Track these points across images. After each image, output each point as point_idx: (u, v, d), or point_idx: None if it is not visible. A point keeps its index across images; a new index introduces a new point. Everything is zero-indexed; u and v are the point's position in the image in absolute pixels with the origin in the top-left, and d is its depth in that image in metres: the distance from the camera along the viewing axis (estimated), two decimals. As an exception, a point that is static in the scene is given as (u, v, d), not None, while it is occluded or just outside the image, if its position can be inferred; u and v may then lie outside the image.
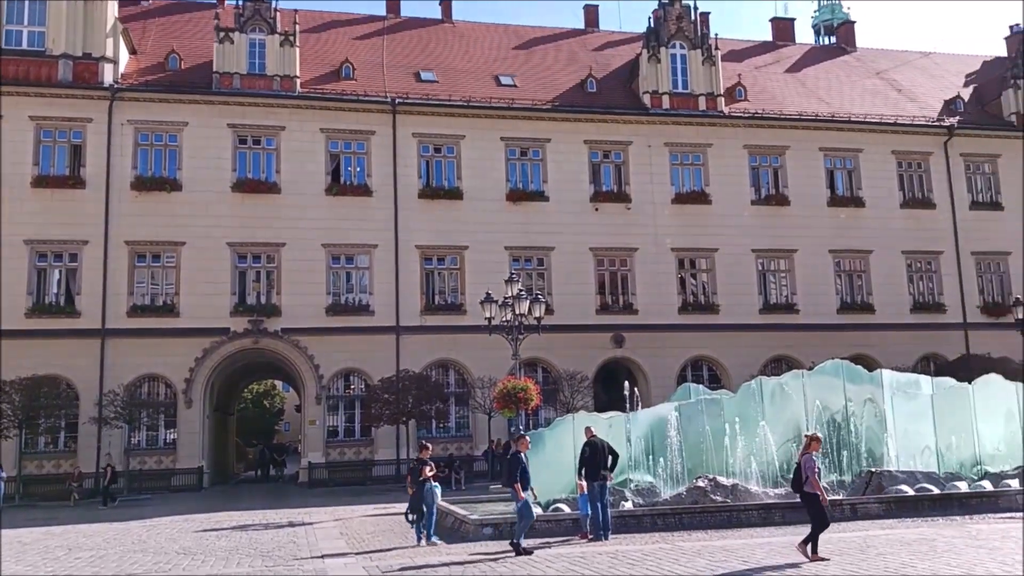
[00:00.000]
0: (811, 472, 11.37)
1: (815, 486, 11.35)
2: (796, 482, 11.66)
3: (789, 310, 35.55)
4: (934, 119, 39.06)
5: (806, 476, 11.36)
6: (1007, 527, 13.88)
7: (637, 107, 36.27)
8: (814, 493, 11.34)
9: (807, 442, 11.87)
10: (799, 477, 11.52)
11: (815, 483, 11.36)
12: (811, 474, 11.36)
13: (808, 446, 11.75)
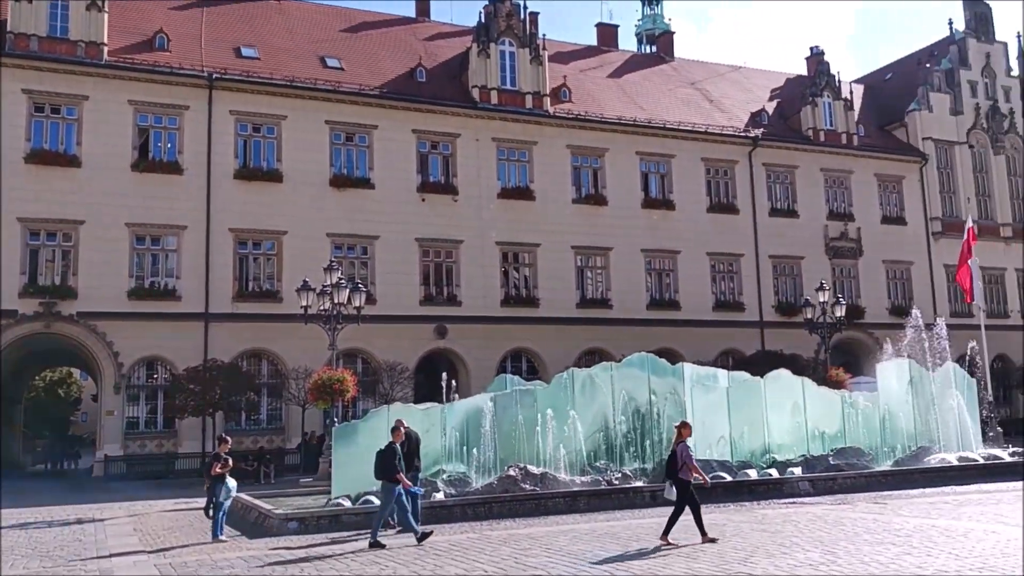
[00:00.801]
0: (688, 459, 11.73)
1: (692, 471, 11.74)
2: (671, 470, 11.95)
3: (604, 305, 36.88)
4: (741, 130, 41.65)
5: (682, 463, 11.70)
6: (788, 511, 14.99)
7: (466, 100, 36.39)
8: (687, 480, 11.70)
9: (678, 430, 12.19)
10: (673, 465, 11.83)
11: (692, 468, 11.76)
12: (688, 461, 11.71)
13: (680, 434, 12.06)
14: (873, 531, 12.02)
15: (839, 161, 43.15)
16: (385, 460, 12.53)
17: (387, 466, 12.44)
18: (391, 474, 12.39)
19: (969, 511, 14.13)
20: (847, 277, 42.22)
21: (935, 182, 45.57)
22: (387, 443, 12.92)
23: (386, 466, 12.46)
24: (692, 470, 11.75)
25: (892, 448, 21.47)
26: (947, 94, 47.02)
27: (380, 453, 12.76)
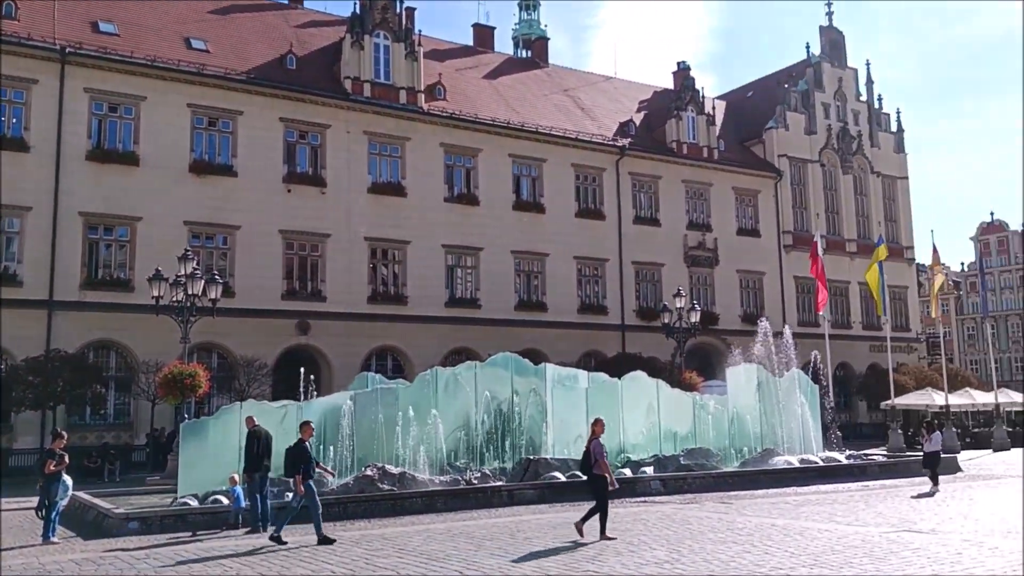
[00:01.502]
0: (600, 456, 11.85)
1: (603, 468, 11.83)
2: (585, 465, 12.08)
3: (472, 305, 36.95)
4: (610, 138, 42.65)
5: (595, 459, 11.83)
6: (639, 510, 15.39)
7: (338, 91, 35.68)
8: (603, 475, 11.79)
9: (592, 427, 12.32)
10: (588, 461, 11.95)
11: (604, 465, 11.85)
12: (600, 457, 11.84)
13: (594, 431, 12.21)
14: (717, 530, 12.48)
15: (700, 173, 44.86)
16: (295, 458, 12.30)
17: (297, 464, 12.22)
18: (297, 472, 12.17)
19: (807, 511, 14.91)
20: (704, 285, 43.94)
21: (788, 197, 48.07)
22: (297, 440, 12.67)
23: (295, 464, 12.23)
24: (603, 467, 11.87)
25: (739, 450, 22.46)
26: (802, 114, 49.72)
27: (289, 450, 12.55)
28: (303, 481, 12.11)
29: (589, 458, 11.98)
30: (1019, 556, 9.69)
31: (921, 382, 41.69)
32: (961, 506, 15.09)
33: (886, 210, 52.39)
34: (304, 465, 12.20)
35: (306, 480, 12.15)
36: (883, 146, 53.02)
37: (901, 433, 32.89)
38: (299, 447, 12.39)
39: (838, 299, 48.07)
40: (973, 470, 23.80)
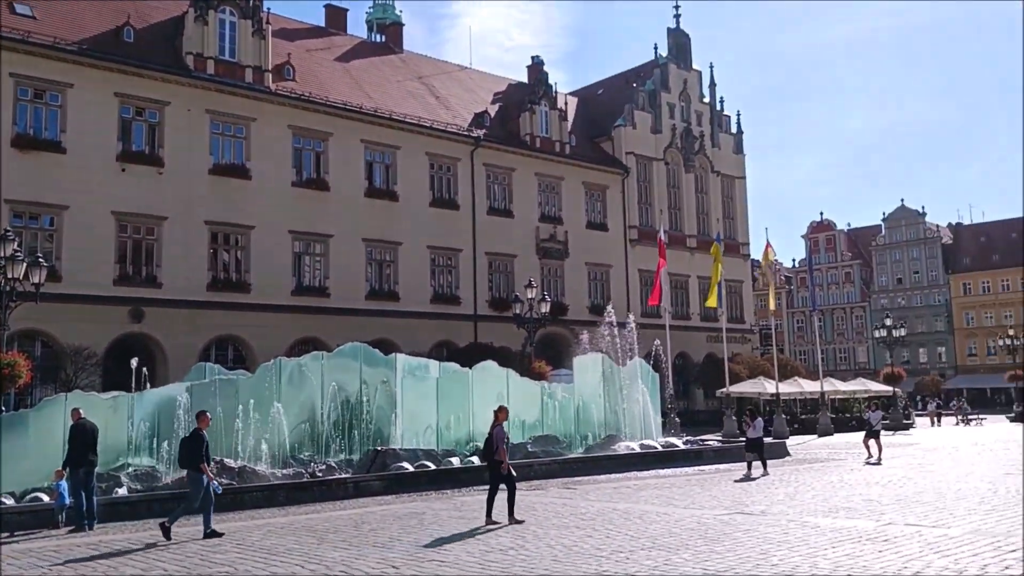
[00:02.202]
0: (501, 443, 12.07)
1: (502, 455, 12.00)
2: (487, 452, 12.29)
3: (321, 294, 36.08)
4: (464, 129, 42.66)
5: (497, 446, 12.01)
6: (485, 498, 15.40)
7: (179, 67, 33.88)
8: (502, 461, 11.99)
9: (495, 414, 12.46)
10: (490, 447, 12.12)
11: (501, 452, 12.02)
12: (500, 444, 12.04)
13: (497, 418, 12.35)
14: (561, 515, 12.67)
15: (552, 167, 45.63)
16: (191, 448, 11.76)
17: (193, 455, 11.70)
18: (197, 463, 11.64)
19: (647, 495, 15.39)
20: (554, 276, 44.78)
21: (635, 193, 49.66)
22: (193, 430, 12.15)
23: (192, 455, 11.71)
24: (501, 454, 12.04)
25: (584, 436, 23.00)
26: (649, 113, 51.46)
27: (185, 441, 12.06)
28: (197, 471, 11.67)
29: (492, 444, 12.19)
30: (836, 534, 10.32)
31: (754, 371, 44.08)
32: (788, 488, 15.99)
33: (725, 208, 55.06)
34: (204, 455, 11.80)
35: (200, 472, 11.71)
36: (723, 147, 55.67)
37: (735, 419, 34.60)
38: (196, 437, 11.93)
39: (678, 291, 50.16)
40: (800, 454, 25.32)
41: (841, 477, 17.93)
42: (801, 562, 8.53)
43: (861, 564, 8.30)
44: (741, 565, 8.47)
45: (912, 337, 76.40)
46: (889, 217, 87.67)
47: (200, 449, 11.75)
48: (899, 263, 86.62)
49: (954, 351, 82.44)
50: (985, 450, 25.31)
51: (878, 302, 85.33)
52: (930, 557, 8.57)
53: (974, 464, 20.29)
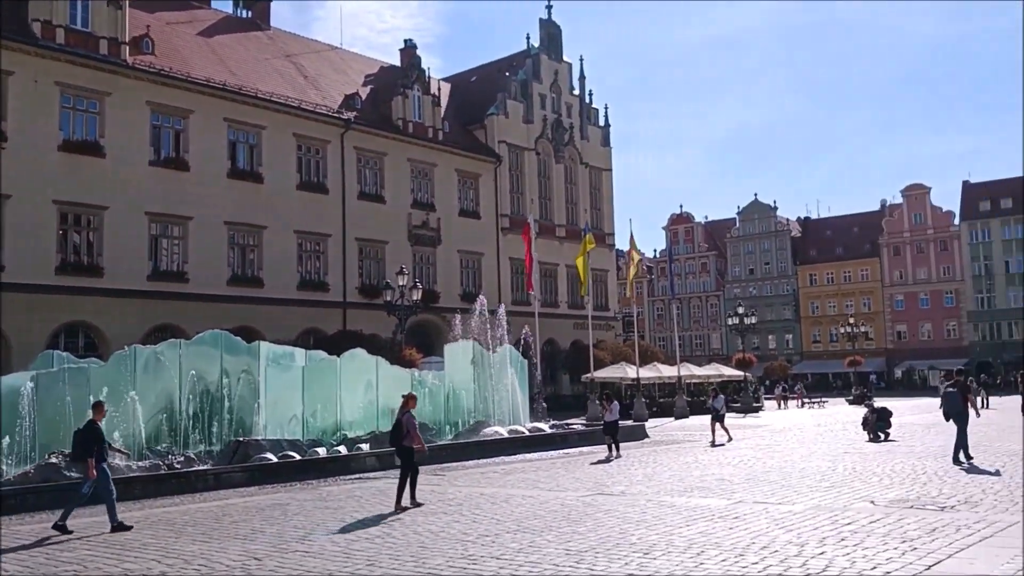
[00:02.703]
0: (413, 428, 12.34)
1: (415, 440, 12.29)
2: (395, 438, 12.44)
3: (179, 278, 34.69)
4: (335, 110, 41.84)
5: (407, 431, 12.26)
6: (353, 487, 15.31)
7: (24, 35, 31.66)
8: (411, 447, 12.24)
9: (404, 401, 12.69)
10: (399, 433, 12.32)
11: (416, 437, 12.32)
12: (413, 430, 12.32)
13: (406, 404, 12.59)
14: (429, 501, 12.72)
15: (425, 153, 45.44)
16: (86, 439, 11.27)
17: (88, 446, 11.16)
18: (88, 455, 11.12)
19: (513, 479, 15.67)
20: (426, 263, 44.70)
21: (507, 182, 50.13)
22: (88, 421, 11.51)
23: (87, 446, 11.16)
24: (415, 439, 12.32)
25: (454, 423, 23.14)
26: (521, 103, 51.97)
27: (79, 432, 11.41)
28: (96, 465, 11.11)
29: (401, 429, 12.36)
30: (690, 512, 10.85)
31: (617, 357, 45.46)
32: (646, 469, 16.63)
33: (592, 199, 56.37)
34: (97, 447, 11.22)
35: (99, 464, 11.17)
36: (592, 139, 56.91)
37: (599, 403, 35.60)
38: (90, 428, 11.36)
39: (547, 280, 51.04)
40: (658, 436, 26.34)
41: (696, 457, 18.80)
42: (658, 540, 8.92)
43: (713, 540, 8.76)
44: (602, 544, 8.78)
45: (762, 324, 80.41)
46: (743, 211, 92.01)
47: (95, 440, 11.28)
48: (752, 254, 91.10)
49: (800, 338, 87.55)
50: (826, 431, 27.08)
51: (732, 291, 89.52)
52: (776, 532, 9.13)
53: (816, 444, 21.68)
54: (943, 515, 9.82)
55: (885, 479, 13.55)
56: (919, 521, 9.43)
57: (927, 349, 79.13)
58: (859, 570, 7.19)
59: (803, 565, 7.46)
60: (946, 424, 16.85)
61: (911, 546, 8.07)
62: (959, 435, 15.61)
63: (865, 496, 11.68)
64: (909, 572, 7.05)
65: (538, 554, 8.43)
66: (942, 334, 79.84)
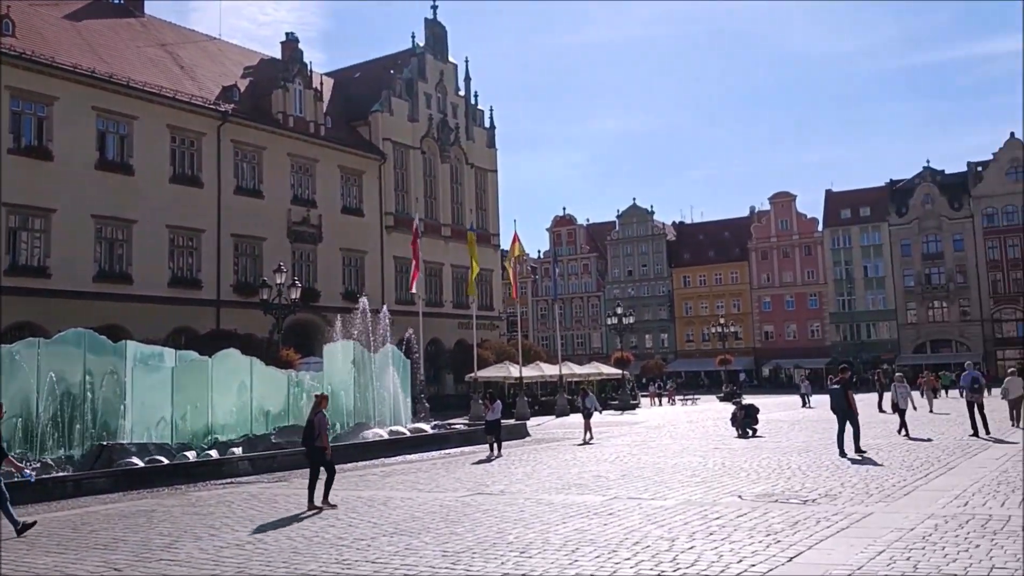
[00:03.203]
0: (323, 429, 12.42)
1: (324, 442, 12.34)
2: (308, 437, 12.47)
3: (40, 274, 32.73)
4: (211, 102, 40.39)
5: (319, 432, 12.30)
6: (224, 492, 14.80)
7: None
8: (323, 447, 12.34)
9: (317, 401, 12.78)
10: (311, 433, 12.36)
11: (324, 438, 12.37)
12: (323, 431, 12.39)
13: (319, 405, 12.64)
14: (304, 506, 12.43)
15: (306, 149, 44.47)
16: None
17: None
18: None
19: (392, 481, 15.51)
20: (306, 261, 43.75)
21: (391, 180, 49.64)
22: None
23: None
24: (324, 440, 12.38)
25: (333, 425, 22.64)
26: (406, 101, 51.56)
27: None
28: None
29: (313, 430, 12.40)
30: (567, 510, 11.00)
31: (500, 356, 45.71)
32: (526, 468, 16.77)
33: (478, 199, 56.53)
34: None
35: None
36: (477, 140, 57.06)
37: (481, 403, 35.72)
38: None
39: (432, 279, 50.86)
40: (539, 434, 26.64)
41: (575, 455, 19.11)
42: (535, 538, 9.00)
43: (588, 537, 8.90)
44: (479, 544, 8.79)
45: (640, 324, 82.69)
46: (623, 214, 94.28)
47: None
48: (630, 256, 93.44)
49: (675, 337, 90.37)
50: (698, 427, 28.02)
51: (611, 292, 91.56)
52: (648, 528, 9.36)
53: (688, 440, 22.40)
54: (805, 508, 10.30)
55: (752, 474, 14.11)
56: (783, 514, 9.86)
57: (792, 348, 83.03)
58: (726, 563, 7.44)
59: (673, 560, 7.67)
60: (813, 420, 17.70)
61: (775, 539, 8.42)
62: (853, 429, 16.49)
63: (733, 491, 12.13)
64: (772, 564, 7.35)
65: (414, 556, 8.36)
66: (806, 334, 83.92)
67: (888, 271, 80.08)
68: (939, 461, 14.70)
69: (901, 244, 79.70)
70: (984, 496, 10.60)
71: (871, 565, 7.10)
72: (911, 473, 13.23)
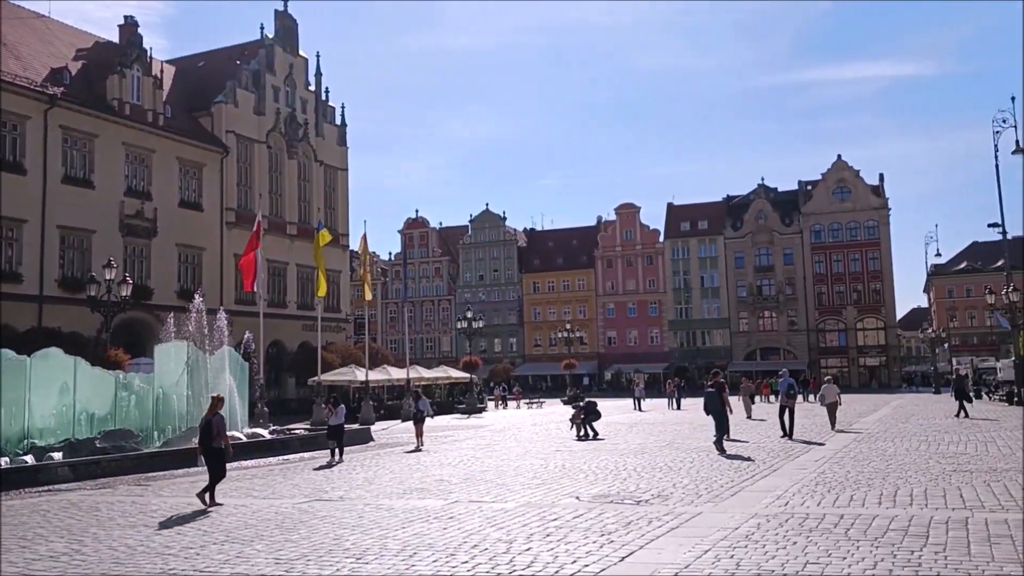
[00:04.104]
0: (223, 429, 12.69)
1: (224, 441, 12.69)
2: (205, 439, 12.64)
3: None
4: (37, 84, 37.63)
5: (217, 432, 12.54)
6: (40, 500, 13.75)
7: None
8: (221, 447, 12.58)
9: (213, 402, 13.04)
10: (209, 434, 12.56)
11: (225, 439, 12.72)
12: (222, 431, 12.67)
13: (215, 406, 12.91)
14: (129, 514, 11.74)
15: (143, 138, 42.22)
16: None
17: None
18: None
19: (226, 487, 14.71)
20: (139, 256, 41.49)
21: (234, 174, 47.82)
22: None
23: None
24: (224, 440, 12.71)
25: (163, 429, 21.56)
26: (253, 93, 49.86)
27: None
28: None
29: (211, 430, 12.58)
30: (407, 514, 10.90)
31: (347, 359, 44.95)
32: (368, 473, 16.52)
33: (327, 198, 55.36)
34: None
35: None
36: (328, 137, 55.89)
37: (324, 407, 34.95)
38: None
39: (276, 279, 49.38)
40: (384, 439, 26.32)
41: (418, 459, 19.00)
42: (372, 544, 8.85)
43: (427, 542, 8.84)
44: (314, 552, 8.56)
45: (490, 328, 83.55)
46: (475, 219, 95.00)
47: None
48: (482, 261, 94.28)
49: (524, 342, 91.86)
50: (542, 430, 28.54)
51: (462, 296, 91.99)
52: (488, 530, 9.41)
53: (532, 443, 22.75)
54: (638, 508, 10.65)
55: (591, 475, 14.48)
56: (617, 515, 10.15)
57: (633, 354, 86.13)
58: (561, 564, 7.58)
59: (510, 562, 7.73)
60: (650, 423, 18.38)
61: (608, 539, 8.65)
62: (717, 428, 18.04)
63: (572, 492, 12.40)
64: (605, 564, 7.54)
65: (245, 564, 8.04)
66: (647, 340, 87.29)
67: (723, 282, 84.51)
68: (764, 463, 15.58)
69: (736, 256, 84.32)
70: (803, 496, 11.30)
71: (697, 563, 7.41)
72: (738, 474, 13.95)
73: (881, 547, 7.79)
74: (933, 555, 7.38)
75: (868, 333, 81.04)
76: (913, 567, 6.96)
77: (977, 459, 14.94)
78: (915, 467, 14.03)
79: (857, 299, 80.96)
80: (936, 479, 12.44)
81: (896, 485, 11.96)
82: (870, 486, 11.98)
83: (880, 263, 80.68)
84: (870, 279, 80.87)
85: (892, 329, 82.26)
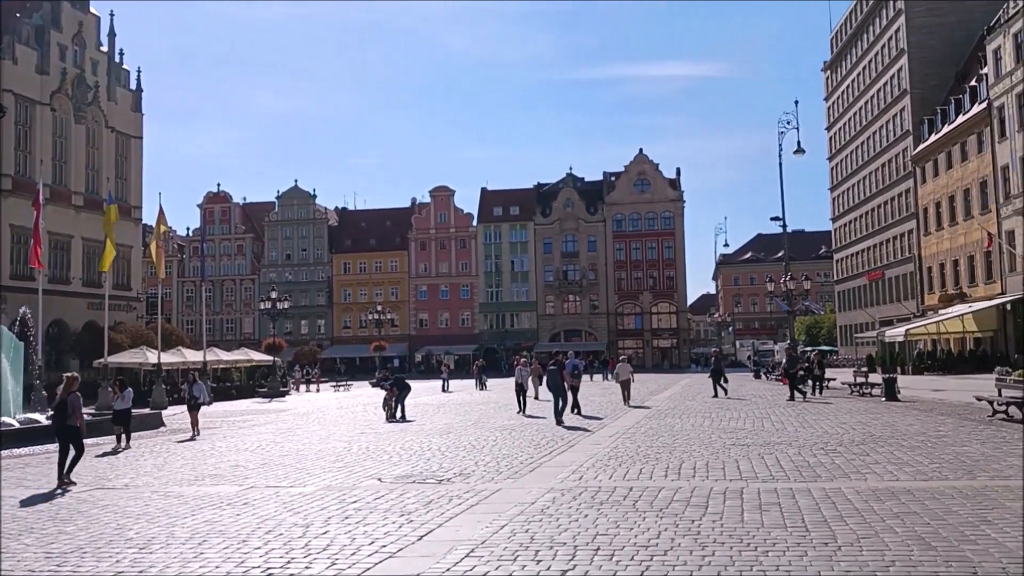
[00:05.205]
0: (79, 408, 12.84)
1: (80, 420, 12.79)
2: (60, 417, 12.74)
3: None
4: None
5: (72, 410, 12.66)
6: None
7: None
8: (76, 426, 12.67)
9: (68, 383, 13.02)
10: (64, 413, 12.66)
11: (80, 418, 12.82)
12: (78, 409, 12.78)
13: (71, 385, 12.96)
14: None
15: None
16: None
17: None
18: None
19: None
20: None
21: (11, 138, 43.63)
22: None
23: None
24: (79, 419, 12.80)
25: (-80, 416, 19.36)
26: (35, 50, 45.64)
27: None
28: None
29: (67, 409, 12.68)
30: (199, 501, 10.39)
31: (137, 340, 42.26)
32: (157, 459, 15.62)
33: (118, 167, 51.63)
34: None
35: None
36: (120, 102, 52.08)
37: (110, 390, 32.72)
38: None
39: (59, 253, 45.60)
40: (177, 424, 24.97)
41: (213, 445, 18.17)
42: (159, 532, 8.37)
43: (218, 528, 8.46)
44: (92, 543, 7.97)
45: (296, 310, 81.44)
46: (283, 195, 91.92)
47: None
48: (289, 240, 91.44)
49: (332, 323, 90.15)
50: (348, 413, 28.13)
51: (268, 275, 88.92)
52: (284, 515, 9.12)
53: (336, 426, 22.37)
54: (440, 487, 10.70)
55: (395, 457, 14.41)
56: (419, 495, 10.15)
57: (444, 336, 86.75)
58: (358, 545, 7.47)
59: (305, 546, 7.54)
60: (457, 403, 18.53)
61: (408, 519, 8.63)
62: (562, 403, 20.31)
63: (374, 474, 12.28)
64: (403, 543, 7.51)
65: (10, 561, 7.36)
66: (458, 323, 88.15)
67: (532, 266, 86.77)
68: (562, 439, 16.13)
69: (544, 242, 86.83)
70: (596, 471, 11.78)
71: (494, 538, 7.54)
72: (537, 451, 14.36)
73: (665, 517, 8.26)
74: (711, 523, 7.90)
75: (662, 317, 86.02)
76: (693, 535, 7.42)
77: (753, 434, 16.19)
78: (699, 442, 15.00)
79: (653, 285, 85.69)
80: (717, 453, 13.35)
81: (681, 459, 12.73)
82: (658, 460, 12.68)
83: (674, 252, 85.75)
84: (665, 266, 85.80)
85: (683, 313, 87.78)
